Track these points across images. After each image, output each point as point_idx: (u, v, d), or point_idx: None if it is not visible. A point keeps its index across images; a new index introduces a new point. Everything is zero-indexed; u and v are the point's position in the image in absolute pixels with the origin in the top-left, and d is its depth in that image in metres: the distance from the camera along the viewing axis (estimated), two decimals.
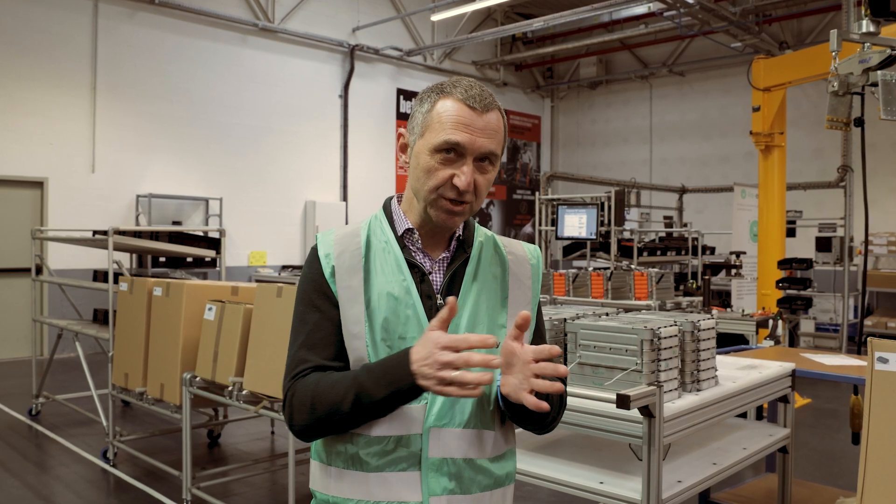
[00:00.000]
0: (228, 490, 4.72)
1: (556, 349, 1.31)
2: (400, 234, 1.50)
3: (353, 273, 1.46)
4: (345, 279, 1.46)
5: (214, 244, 6.34)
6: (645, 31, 13.23)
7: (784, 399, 3.27)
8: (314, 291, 1.48)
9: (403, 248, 1.49)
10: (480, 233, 1.57)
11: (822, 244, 9.36)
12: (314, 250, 1.51)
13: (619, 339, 2.54)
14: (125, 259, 8.19)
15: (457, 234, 1.53)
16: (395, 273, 1.46)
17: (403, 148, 1.52)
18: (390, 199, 1.56)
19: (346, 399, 1.35)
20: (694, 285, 9.28)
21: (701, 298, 7.47)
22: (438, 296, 1.47)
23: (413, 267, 1.47)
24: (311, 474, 1.52)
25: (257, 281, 7.37)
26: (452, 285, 1.49)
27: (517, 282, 1.55)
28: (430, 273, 1.48)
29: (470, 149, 1.40)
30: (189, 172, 11.03)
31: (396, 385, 1.32)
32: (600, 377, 2.56)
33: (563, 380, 1.61)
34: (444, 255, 1.51)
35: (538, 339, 1.60)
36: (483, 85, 1.47)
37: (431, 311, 1.45)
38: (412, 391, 1.31)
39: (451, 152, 1.40)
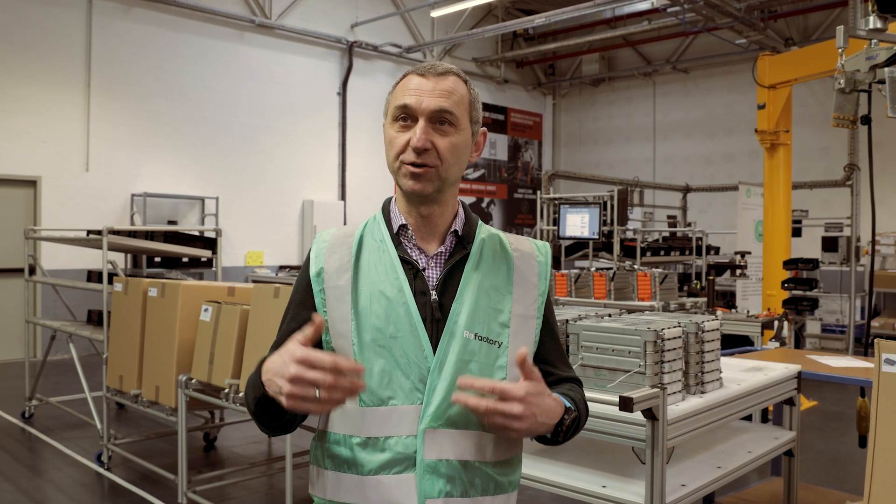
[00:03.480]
0: (225, 494, 4.67)
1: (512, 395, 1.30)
2: (395, 231, 1.49)
3: (341, 273, 1.46)
4: (332, 279, 1.46)
5: (210, 244, 6.29)
6: (648, 28, 13.20)
7: (790, 401, 3.26)
8: (296, 293, 1.52)
9: (398, 245, 1.47)
10: (484, 230, 1.54)
11: (829, 244, 9.31)
12: (309, 250, 1.54)
13: (622, 340, 2.52)
14: (120, 259, 8.16)
15: (453, 228, 1.49)
16: (388, 272, 1.44)
17: None
18: (389, 199, 1.55)
19: (248, 397, 1.43)
20: (698, 286, 9.23)
21: (705, 299, 7.42)
22: (433, 292, 1.44)
23: (407, 264, 1.45)
24: (310, 478, 1.51)
25: (254, 281, 7.31)
26: (449, 281, 1.46)
27: (522, 280, 1.51)
28: (424, 269, 1.46)
29: (419, 109, 1.42)
30: (185, 171, 10.98)
31: (260, 392, 1.32)
32: (603, 379, 2.55)
33: (579, 381, 1.62)
34: (440, 249, 1.48)
35: (551, 340, 1.57)
36: (451, 66, 1.48)
37: (425, 307, 1.42)
38: (275, 402, 1.29)
39: (406, 119, 1.43)
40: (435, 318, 1.42)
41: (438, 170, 1.42)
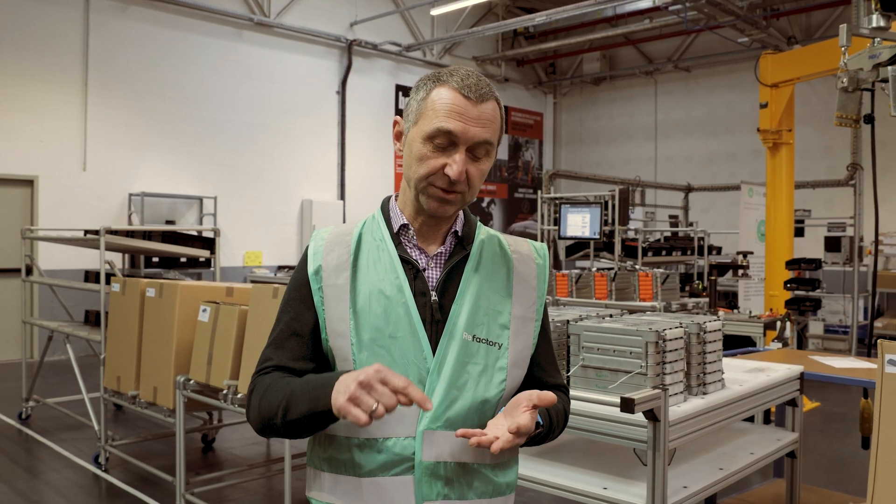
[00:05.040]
0: (223, 496, 4.65)
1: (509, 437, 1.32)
2: (396, 230, 1.48)
3: (339, 271, 1.45)
4: (331, 277, 1.45)
5: (209, 244, 6.26)
6: (649, 26, 13.14)
7: (792, 402, 3.25)
8: (294, 291, 1.49)
9: (398, 244, 1.47)
10: (482, 231, 1.54)
11: (832, 244, 9.26)
12: (306, 248, 1.52)
13: (624, 341, 2.50)
14: (117, 259, 8.07)
15: (454, 229, 1.49)
16: (388, 271, 1.44)
17: (398, 136, 1.51)
18: (388, 198, 1.55)
19: (279, 408, 1.36)
20: (700, 286, 9.19)
21: (707, 299, 7.39)
22: (433, 293, 1.43)
23: (407, 263, 1.45)
24: (307, 481, 1.51)
25: (252, 282, 7.27)
26: (449, 282, 1.45)
27: (521, 282, 1.52)
28: (424, 269, 1.46)
29: (462, 138, 1.38)
30: (183, 170, 10.94)
31: (314, 403, 1.31)
32: (604, 380, 2.53)
33: (566, 388, 1.62)
34: (440, 250, 1.47)
35: (545, 344, 1.57)
36: (481, 75, 1.43)
37: (425, 308, 1.42)
38: (329, 415, 1.29)
39: (444, 141, 1.38)
40: (435, 319, 1.42)
41: (465, 195, 1.43)
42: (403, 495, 1.37)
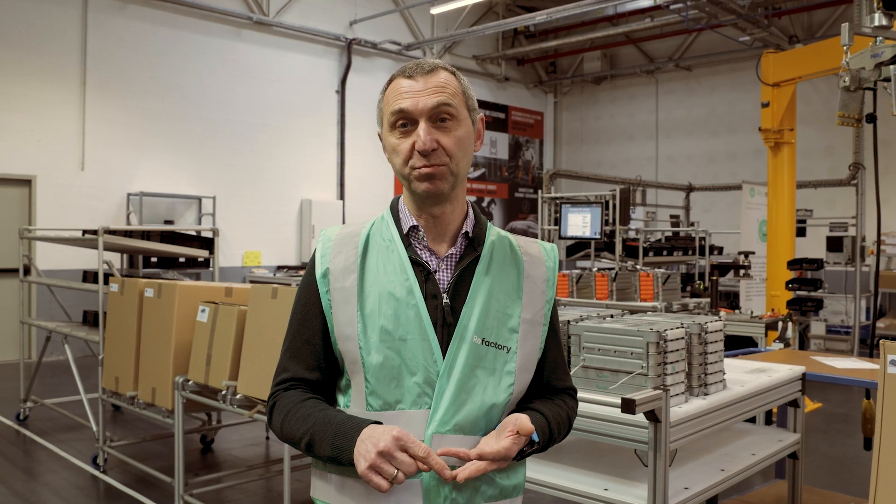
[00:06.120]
0: (222, 497, 4.64)
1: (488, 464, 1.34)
2: (406, 231, 1.47)
3: (347, 274, 1.44)
4: (339, 280, 1.44)
5: (207, 244, 6.26)
6: (650, 25, 13.11)
7: (794, 403, 3.24)
8: (304, 294, 1.50)
9: (408, 245, 1.46)
10: (493, 231, 1.53)
11: (833, 244, 9.23)
12: (315, 250, 1.52)
13: (624, 341, 2.49)
14: (116, 259, 8.03)
15: (464, 230, 1.47)
16: (397, 272, 1.43)
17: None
18: (398, 198, 1.54)
19: (302, 439, 1.40)
20: (701, 286, 9.17)
21: (708, 300, 7.36)
22: (444, 295, 1.42)
23: (418, 265, 1.44)
24: (312, 482, 1.51)
25: (252, 282, 7.26)
26: (460, 284, 1.44)
27: (532, 285, 1.51)
28: (435, 272, 1.45)
29: (416, 110, 1.39)
30: (181, 170, 10.93)
31: (338, 453, 1.34)
32: (605, 381, 2.52)
33: (574, 391, 1.62)
34: (451, 251, 1.46)
35: (555, 347, 1.57)
36: (434, 60, 1.46)
37: (436, 311, 1.42)
38: (351, 465, 1.32)
39: (406, 124, 1.40)
40: (446, 322, 1.41)
41: (449, 167, 1.40)
42: (411, 500, 1.37)
